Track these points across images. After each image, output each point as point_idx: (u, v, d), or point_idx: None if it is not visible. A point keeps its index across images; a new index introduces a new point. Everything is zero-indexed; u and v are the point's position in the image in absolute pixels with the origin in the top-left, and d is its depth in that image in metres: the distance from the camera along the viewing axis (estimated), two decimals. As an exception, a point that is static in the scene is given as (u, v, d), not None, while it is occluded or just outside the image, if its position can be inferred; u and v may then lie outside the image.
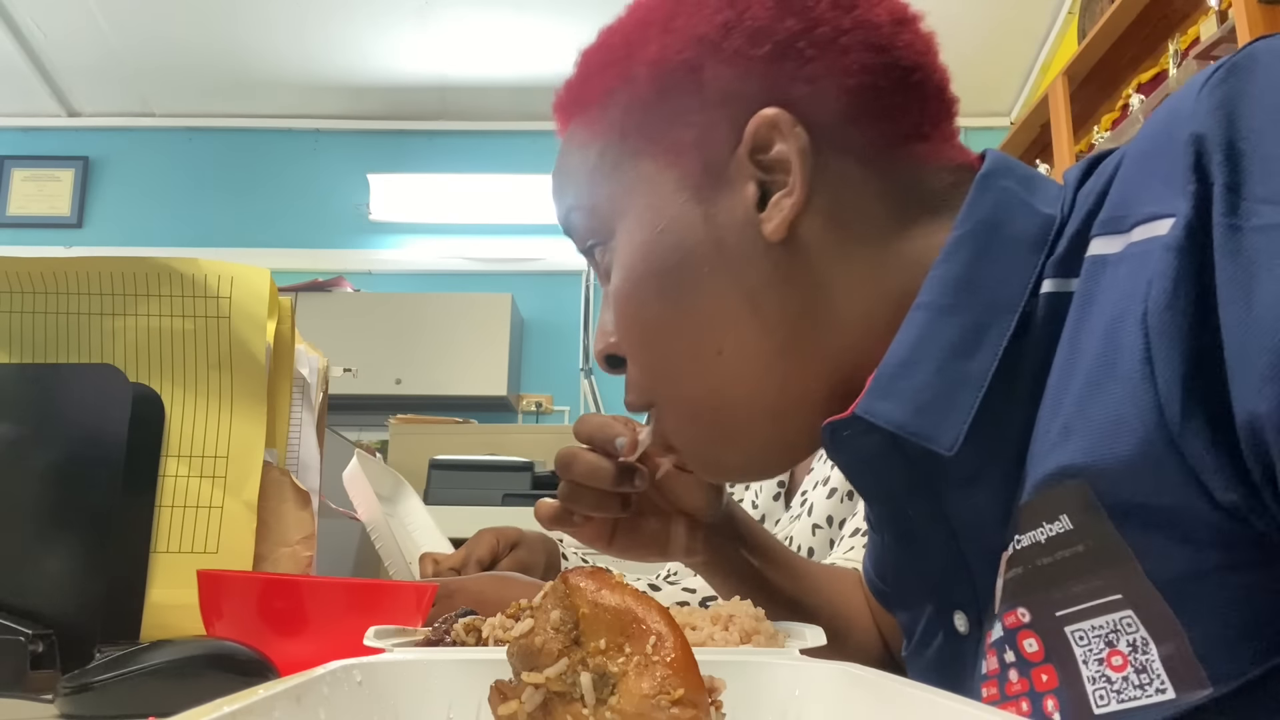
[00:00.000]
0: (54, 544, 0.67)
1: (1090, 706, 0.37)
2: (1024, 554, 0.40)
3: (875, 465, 0.50)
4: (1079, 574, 0.38)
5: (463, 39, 3.31)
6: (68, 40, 3.35)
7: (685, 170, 0.51)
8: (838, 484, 1.04)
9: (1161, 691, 0.35)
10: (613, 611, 0.28)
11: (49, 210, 3.69)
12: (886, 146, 0.50)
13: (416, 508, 1.28)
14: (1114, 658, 0.37)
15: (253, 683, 0.30)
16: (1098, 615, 0.37)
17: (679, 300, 0.51)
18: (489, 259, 3.64)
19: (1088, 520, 0.37)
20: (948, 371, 0.44)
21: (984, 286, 0.44)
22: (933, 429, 0.44)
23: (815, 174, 0.49)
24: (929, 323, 0.45)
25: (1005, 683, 0.42)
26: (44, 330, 0.76)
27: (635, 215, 0.53)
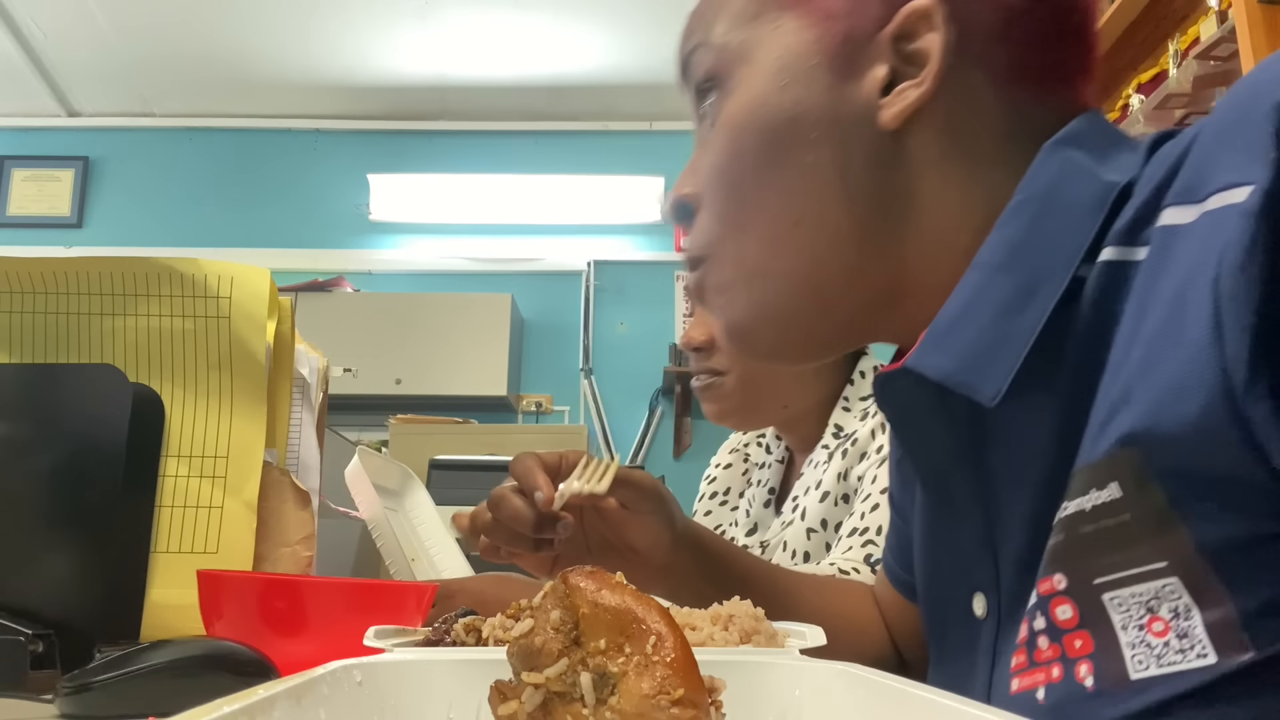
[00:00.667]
0: (54, 544, 0.68)
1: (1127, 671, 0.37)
2: (1067, 521, 0.40)
3: (922, 422, 0.51)
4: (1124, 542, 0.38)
5: (463, 39, 3.31)
6: (68, 40, 3.35)
7: (827, 35, 0.51)
8: (830, 488, 1.04)
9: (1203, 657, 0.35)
10: (613, 611, 0.28)
11: (49, 210, 3.69)
12: (1023, 74, 0.50)
13: (424, 501, 1.28)
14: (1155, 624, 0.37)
15: (253, 683, 0.30)
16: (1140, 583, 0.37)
17: (777, 159, 0.51)
18: (489, 259, 3.64)
19: (1139, 489, 0.37)
20: (997, 327, 0.45)
21: (1038, 249, 0.45)
22: (977, 380, 0.45)
23: (948, 76, 0.49)
24: (983, 281, 0.46)
25: (1034, 649, 0.42)
26: (44, 330, 0.77)
27: (762, 65, 0.52)
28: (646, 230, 3.67)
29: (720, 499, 1.29)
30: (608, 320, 3.62)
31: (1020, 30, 0.50)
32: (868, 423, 1.04)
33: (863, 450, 1.02)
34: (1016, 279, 0.45)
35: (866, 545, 0.92)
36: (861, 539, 0.93)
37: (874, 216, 0.51)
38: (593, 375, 3.55)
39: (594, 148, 3.73)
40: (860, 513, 0.96)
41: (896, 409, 0.52)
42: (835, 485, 1.04)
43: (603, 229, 3.68)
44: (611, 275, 3.64)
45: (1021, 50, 0.50)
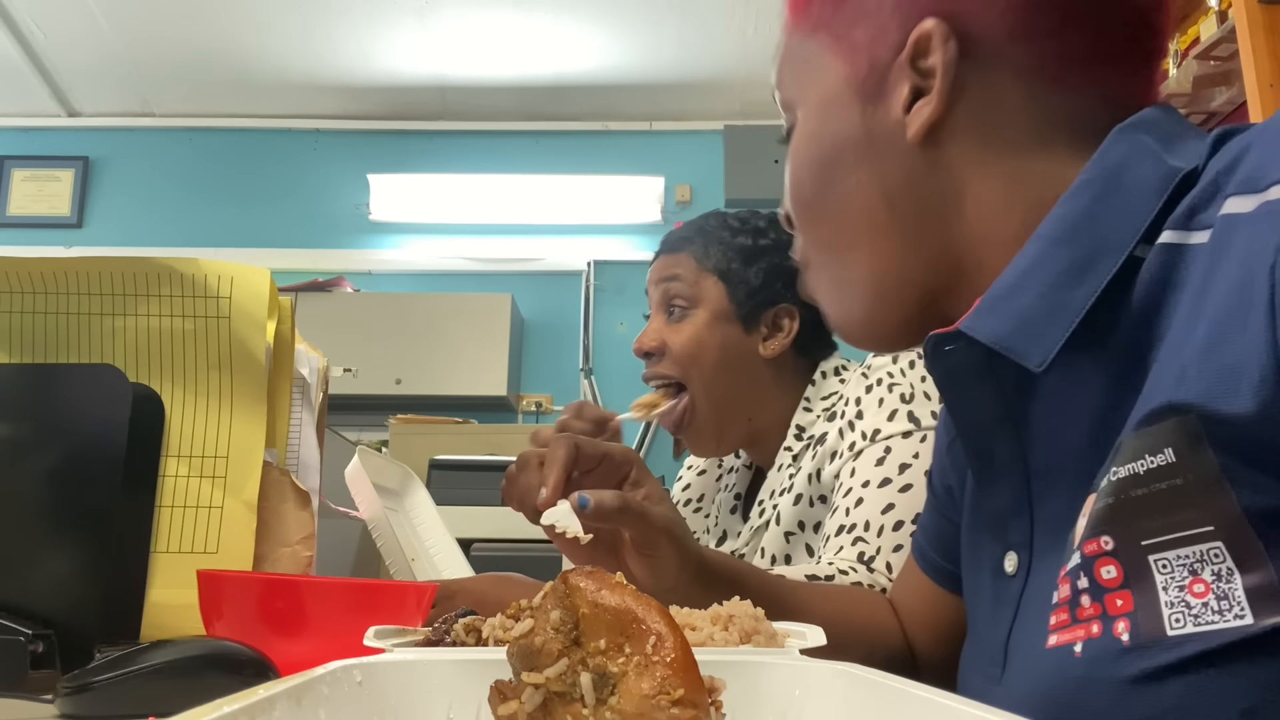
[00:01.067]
0: (54, 544, 0.68)
1: (1164, 628, 0.39)
2: (1119, 485, 0.42)
3: (969, 385, 0.53)
4: (1173, 506, 0.40)
5: (463, 39, 3.31)
6: (68, 40, 3.35)
7: (855, 67, 0.57)
8: (802, 489, 1.04)
9: (1240, 617, 0.38)
10: (613, 611, 0.28)
11: (49, 210, 3.69)
12: (1047, 67, 0.53)
13: (424, 501, 1.28)
14: (1196, 585, 0.39)
15: (253, 683, 0.30)
16: (1186, 545, 0.39)
17: (829, 187, 0.58)
18: (489, 259, 3.64)
19: (1192, 455, 0.39)
20: (1051, 297, 0.47)
21: (1098, 226, 0.47)
22: (1026, 346, 0.47)
23: (962, 86, 0.53)
24: (1042, 253, 0.48)
25: (1077, 607, 0.44)
26: (44, 330, 0.77)
27: (812, 103, 0.60)
28: (646, 230, 3.67)
29: (694, 505, 1.28)
30: (608, 320, 3.62)
31: (1035, 27, 0.52)
32: (834, 423, 1.03)
33: (833, 449, 1.02)
34: (1074, 252, 0.47)
35: (857, 543, 0.92)
36: (851, 536, 0.93)
37: (921, 222, 0.55)
38: (593, 375, 3.55)
39: (594, 148, 3.73)
40: (844, 509, 0.95)
41: (945, 370, 0.54)
42: (808, 487, 1.03)
43: (603, 229, 3.67)
44: (611, 275, 3.64)
45: (1041, 44, 0.52)
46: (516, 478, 0.76)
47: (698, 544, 0.71)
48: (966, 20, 0.53)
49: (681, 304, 1.15)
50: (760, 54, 3.36)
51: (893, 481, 0.93)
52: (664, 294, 1.17)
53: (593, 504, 0.63)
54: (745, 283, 1.12)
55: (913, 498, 0.92)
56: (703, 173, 3.69)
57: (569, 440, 0.70)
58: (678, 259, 1.17)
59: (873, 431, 0.97)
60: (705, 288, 1.14)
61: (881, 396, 0.99)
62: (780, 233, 1.16)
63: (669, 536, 0.67)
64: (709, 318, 1.13)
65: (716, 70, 3.46)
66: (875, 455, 0.96)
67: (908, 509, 0.92)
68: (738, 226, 1.17)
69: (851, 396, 1.03)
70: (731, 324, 1.13)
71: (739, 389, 1.12)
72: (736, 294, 1.12)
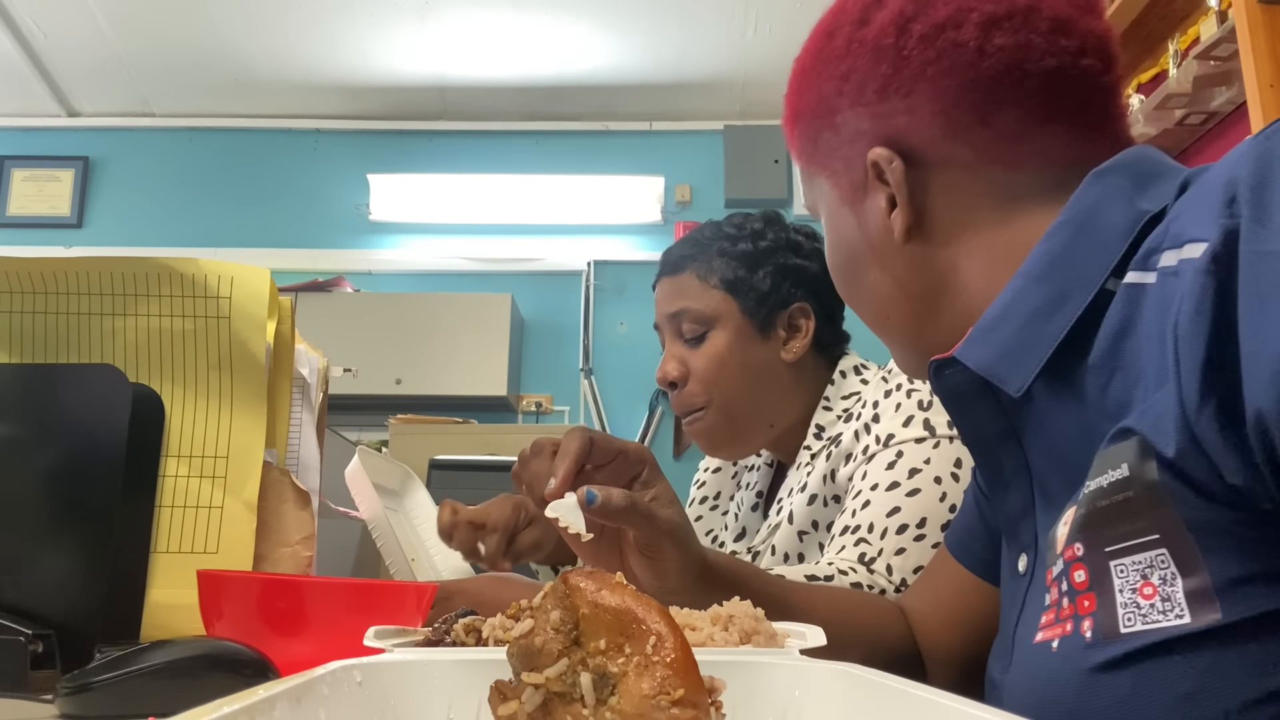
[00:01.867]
0: (54, 544, 0.68)
1: (1119, 627, 0.45)
2: (1090, 496, 0.47)
3: (970, 403, 0.59)
4: (1128, 516, 0.45)
5: (463, 39, 3.31)
6: (68, 40, 3.35)
7: (843, 189, 0.66)
8: (816, 489, 1.03)
9: (1180, 618, 0.43)
10: (613, 612, 0.28)
11: (49, 210, 3.69)
12: (988, 151, 0.59)
13: (424, 501, 1.28)
14: (1145, 588, 0.44)
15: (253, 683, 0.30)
16: (1138, 552, 0.45)
17: (856, 283, 0.69)
18: (489, 259, 3.64)
19: (1140, 470, 0.44)
20: (1028, 329, 0.53)
21: (1072, 264, 0.52)
22: (1007, 373, 0.53)
23: (924, 188, 0.61)
24: (1022, 289, 0.55)
25: (1060, 609, 0.49)
26: (44, 330, 0.77)
27: (824, 217, 0.70)
28: (646, 230, 3.67)
29: (710, 503, 1.28)
30: (608, 320, 3.62)
31: (960, 124, 0.59)
32: (851, 424, 1.03)
33: (848, 451, 1.02)
34: (1050, 289, 0.53)
35: (860, 544, 0.92)
36: (854, 537, 0.93)
37: (933, 296, 0.64)
38: (593, 375, 3.55)
39: (594, 148, 3.73)
40: (851, 510, 0.95)
41: (946, 390, 0.60)
42: (822, 487, 1.03)
43: (603, 229, 3.67)
44: (611, 275, 3.64)
45: (973, 134, 0.59)
46: (529, 461, 0.78)
47: (701, 546, 0.71)
48: (904, 138, 0.61)
49: (696, 328, 1.11)
50: (760, 54, 3.36)
51: (901, 486, 0.93)
52: (676, 324, 1.13)
53: (600, 500, 0.64)
54: (754, 290, 1.11)
55: (919, 503, 0.92)
56: (703, 173, 3.69)
57: (584, 433, 0.70)
58: (681, 281, 1.14)
59: (886, 436, 0.97)
60: (715, 305, 1.11)
61: (899, 402, 0.99)
62: (779, 231, 1.15)
63: (673, 540, 0.67)
64: (727, 336, 1.10)
65: (716, 70, 3.46)
66: (887, 459, 0.96)
67: (913, 514, 0.92)
68: (735, 233, 1.14)
69: (870, 399, 1.03)
70: (749, 336, 1.11)
71: (762, 399, 1.11)
72: (748, 304, 1.10)
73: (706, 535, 1.26)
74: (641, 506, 0.65)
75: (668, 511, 0.68)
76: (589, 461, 0.70)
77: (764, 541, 1.10)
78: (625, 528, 0.68)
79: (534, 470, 0.76)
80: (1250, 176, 0.42)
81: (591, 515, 0.65)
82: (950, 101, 0.59)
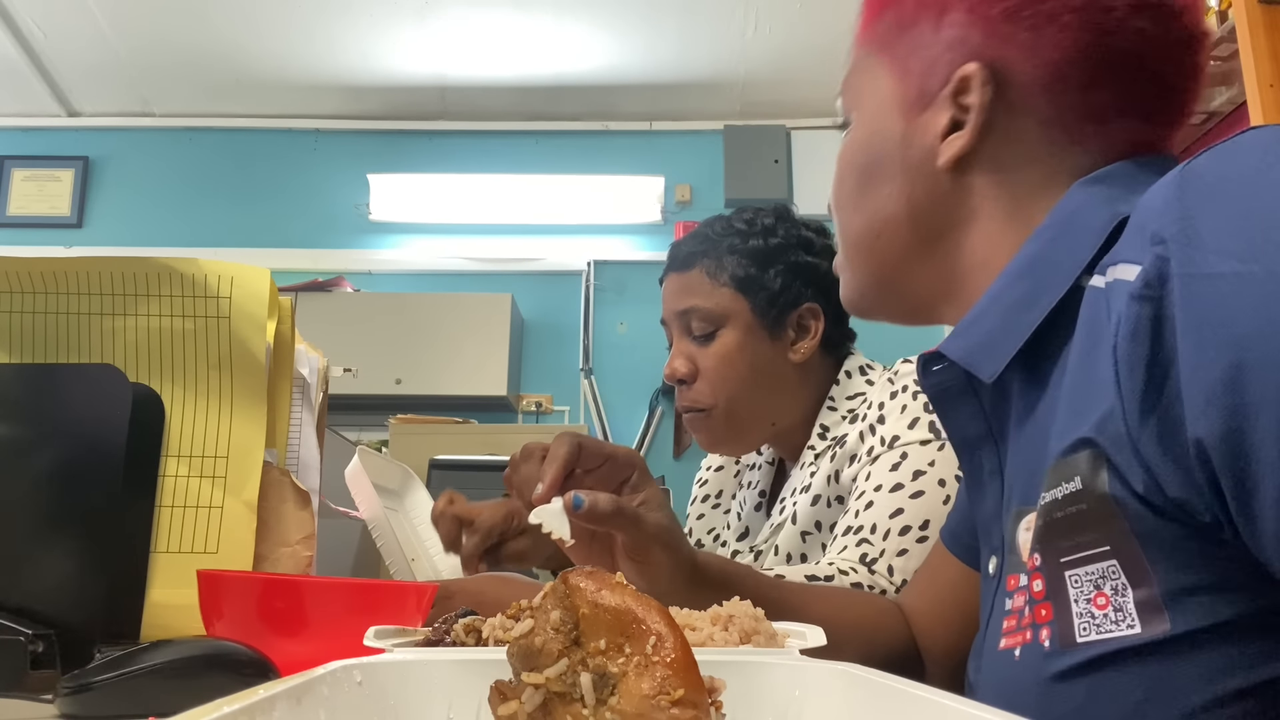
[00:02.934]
0: (54, 544, 0.67)
1: (1075, 636, 0.46)
2: (1046, 508, 0.48)
3: (954, 402, 0.60)
4: (1081, 527, 0.46)
5: (463, 39, 3.31)
6: (68, 40, 3.35)
7: (906, 89, 0.63)
8: (820, 490, 1.03)
9: (1131, 628, 0.44)
10: (613, 612, 0.28)
11: (49, 210, 3.69)
12: (1068, 119, 0.58)
13: (424, 501, 1.28)
14: (1099, 598, 0.45)
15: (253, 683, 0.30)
16: (1090, 563, 0.46)
17: (864, 189, 0.65)
18: (489, 259, 3.64)
19: (1092, 483, 0.45)
20: (1006, 322, 0.54)
21: (1049, 263, 0.54)
22: (982, 360, 0.55)
23: (993, 127, 0.59)
24: (1004, 286, 0.56)
25: (1021, 617, 0.50)
26: (44, 330, 0.77)
27: (865, 111, 0.66)
28: (646, 230, 3.67)
29: (713, 501, 1.28)
30: (608, 320, 3.61)
31: (1065, 82, 0.57)
32: (856, 425, 1.03)
33: (852, 452, 1.01)
34: (1028, 285, 0.54)
35: (861, 545, 0.92)
36: (856, 538, 0.93)
37: (934, 237, 0.63)
38: (593, 375, 3.55)
39: (594, 148, 3.72)
40: (854, 510, 0.95)
41: (933, 388, 0.61)
42: (826, 487, 1.03)
43: (603, 229, 3.67)
44: (611, 275, 3.64)
45: (1067, 99, 0.58)
46: (519, 465, 0.78)
47: (691, 548, 0.71)
48: (1006, 68, 0.58)
49: (705, 326, 1.10)
50: (760, 54, 3.36)
51: (905, 487, 0.93)
52: (684, 321, 1.12)
53: (586, 505, 0.64)
54: (765, 289, 1.09)
55: (922, 505, 0.92)
56: (703, 173, 3.69)
57: (572, 438, 0.70)
58: (689, 278, 1.12)
59: (892, 437, 0.97)
60: (725, 304, 1.10)
61: (905, 403, 0.98)
62: (790, 227, 1.14)
63: (661, 544, 0.67)
64: (736, 336, 1.09)
65: (716, 70, 3.46)
66: (891, 461, 0.95)
67: (916, 515, 0.91)
68: (745, 229, 1.13)
69: (875, 400, 1.02)
70: (759, 336, 1.10)
71: (767, 398, 1.10)
72: (758, 303, 1.09)
73: (709, 534, 1.26)
74: (628, 511, 0.66)
75: (655, 515, 0.68)
76: (578, 466, 0.71)
77: (767, 541, 1.10)
78: (613, 532, 0.68)
79: (523, 475, 0.76)
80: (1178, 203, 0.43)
81: (578, 520, 0.65)
82: (1069, 57, 0.57)
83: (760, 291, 1.09)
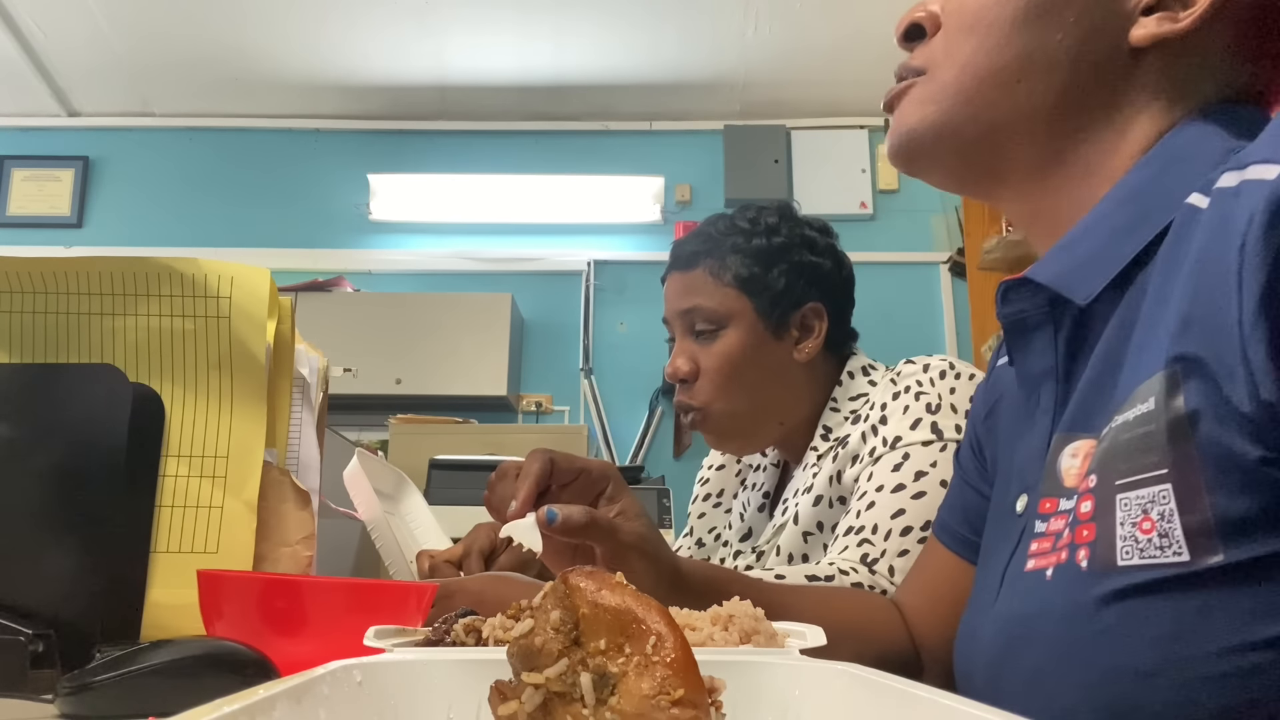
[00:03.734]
0: (54, 544, 0.67)
1: (1115, 558, 0.45)
2: (1116, 430, 0.47)
3: (1028, 334, 0.58)
4: (1144, 449, 0.45)
5: (463, 39, 3.31)
6: (68, 40, 3.35)
7: None
8: (822, 490, 1.03)
9: (1178, 555, 0.43)
10: (613, 612, 0.28)
11: (49, 210, 3.69)
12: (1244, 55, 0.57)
13: (419, 505, 1.28)
14: (1145, 522, 0.44)
15: (253, 683, 0.30)
16: (1144, 486, 0.45)
17: (1035, 22, 0.58)
18: (489, 259, 3.64)
19: (1167, 402, 0.44)
20: (1106, 246, 0.53)
21: (1158, 190, 0.53)
22: (1074, 284, 0.53)
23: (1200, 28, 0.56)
24: (1106, 212, 0.55)
25: (1059, 538, 0.49)
26: (44, 330, 0.76)
27: None
28: (646, 230, 3.67)
29: (714, 500, 1.28)
30: (608, 320, 3.61)
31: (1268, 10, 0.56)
32: (858, 426, 1.03)
33: (854, 453, 1.01)
34: (1132, 211, 0.53)
35: (862, 545, 0.92)
36: (857, 538, 0.93)
37: (1077, 109, 0.58)
38: (593, 375, 3.55)
39: (594, 148, 3.72)
40: (856, 511, 0.95)
41: (1011, 315, 0.59)
42: (828, 488, 1.03)
43: (603, 229, 3.67)
44: (611, 275, 3.64)
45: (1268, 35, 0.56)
46: (495, 486, 0.78)
47: (673, 555, 0.71)
48: None
49: (708, 326, 1.10)
50: (760, 54, 3.36)
51: (906, 488, 0.93)
52: (687, 321, 1.12)
53: (560, 519, 0.65)
54: (769, 289, 1.09)
55: (924, 505, 0.92)
56: (703, 173, 3.69)
57: (544, 454, 0.71)
58: (692, 277, 1.12)
59: (894, 438, 0.96)
60: (728, 303, 1.09)
61: (908, 404, 0.98)
62: (793, 226, 1.13)
63: (639, 553, 0.68)
64: (740, 336, 1.09)
65: (716, 70, 3.46)
66: (893, 461, 0.95)
67: (918, 516, 0.91)
68: (749, 228, 1.12)
69: (878, 401, 1.02)
70: (762, 336, 1.09)
71: (771, 398, 1.10)
72: (761, 303, 1.09)
73: (710, 532, 1.26)
74: (602, 521, 0.66)
75: (632, 525, 0.69)
76: (552, 481, 0.71)
77: (769, 542, 1.10)
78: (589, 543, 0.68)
79: (500, 494, 0.77)
80: None
81: (553, 534, 0.66)
82: None
83: (764, 291, 1.09)
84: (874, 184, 3.63)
